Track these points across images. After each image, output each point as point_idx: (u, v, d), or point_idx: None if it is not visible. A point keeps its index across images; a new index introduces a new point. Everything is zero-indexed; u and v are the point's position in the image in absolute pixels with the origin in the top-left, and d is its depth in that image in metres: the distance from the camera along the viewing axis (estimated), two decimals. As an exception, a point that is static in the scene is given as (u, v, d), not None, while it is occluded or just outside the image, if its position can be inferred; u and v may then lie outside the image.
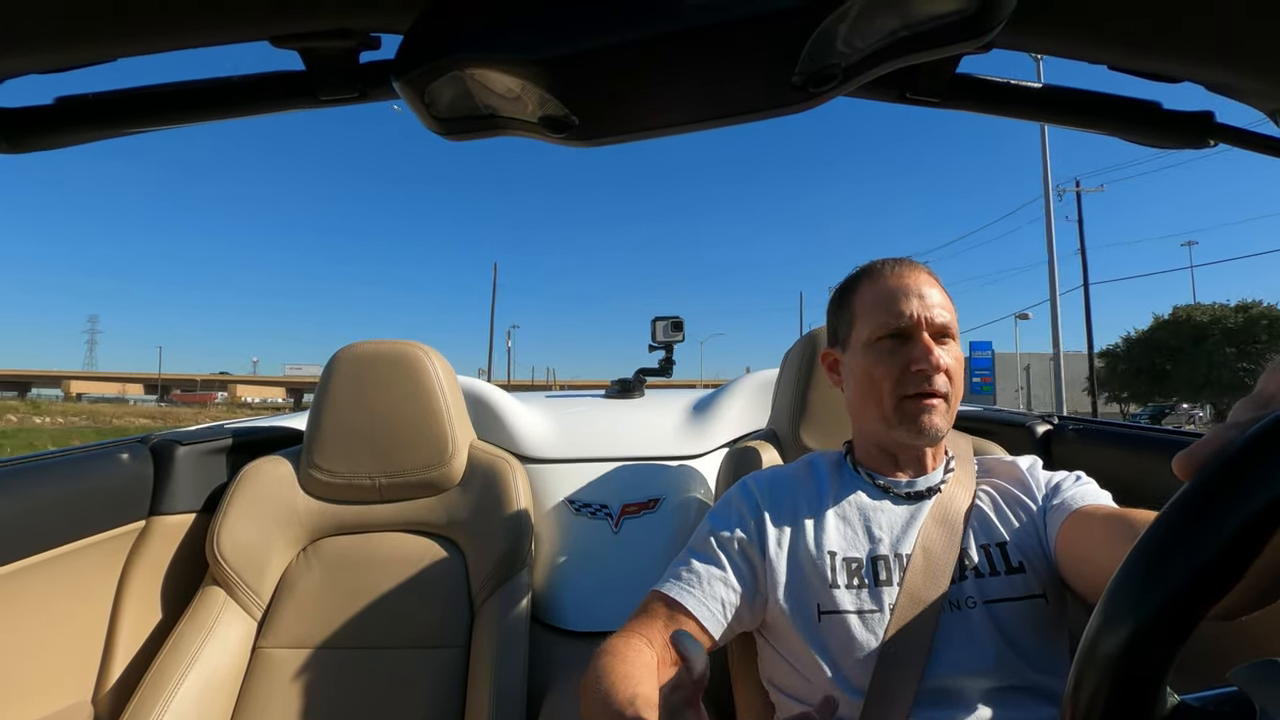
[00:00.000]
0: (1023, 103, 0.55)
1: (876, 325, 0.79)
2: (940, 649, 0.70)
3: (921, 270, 0.82)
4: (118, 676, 1.00)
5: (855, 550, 0.77)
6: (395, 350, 1.18)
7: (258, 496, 1.12)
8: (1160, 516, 0.31)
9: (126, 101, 0.48)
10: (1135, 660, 0.29)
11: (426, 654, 1.07)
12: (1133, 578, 0.30)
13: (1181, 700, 0.31)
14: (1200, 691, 0.33)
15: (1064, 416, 1.22)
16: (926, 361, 0.75)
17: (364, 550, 1.13)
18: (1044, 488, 0.80)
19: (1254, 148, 0.54)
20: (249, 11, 0.39)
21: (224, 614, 1.04)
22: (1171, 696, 0.31)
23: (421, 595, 1.10)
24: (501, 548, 1.12)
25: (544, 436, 1.44)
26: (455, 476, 1.17)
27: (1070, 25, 0.44)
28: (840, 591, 0.74)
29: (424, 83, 0.42)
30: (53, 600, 0.92)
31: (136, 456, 1.07)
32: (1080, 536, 0.71)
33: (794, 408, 1.14)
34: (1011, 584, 0.73)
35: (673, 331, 1.78)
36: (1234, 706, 0.31)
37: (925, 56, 0.42)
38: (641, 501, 1.31)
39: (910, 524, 0.78)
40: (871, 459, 0.84)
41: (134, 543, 1.06)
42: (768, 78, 0.43)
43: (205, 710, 0.97)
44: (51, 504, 0.92)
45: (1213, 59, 0.45)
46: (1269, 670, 0.30)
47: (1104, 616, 0.31)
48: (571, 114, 0.45)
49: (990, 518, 0.78)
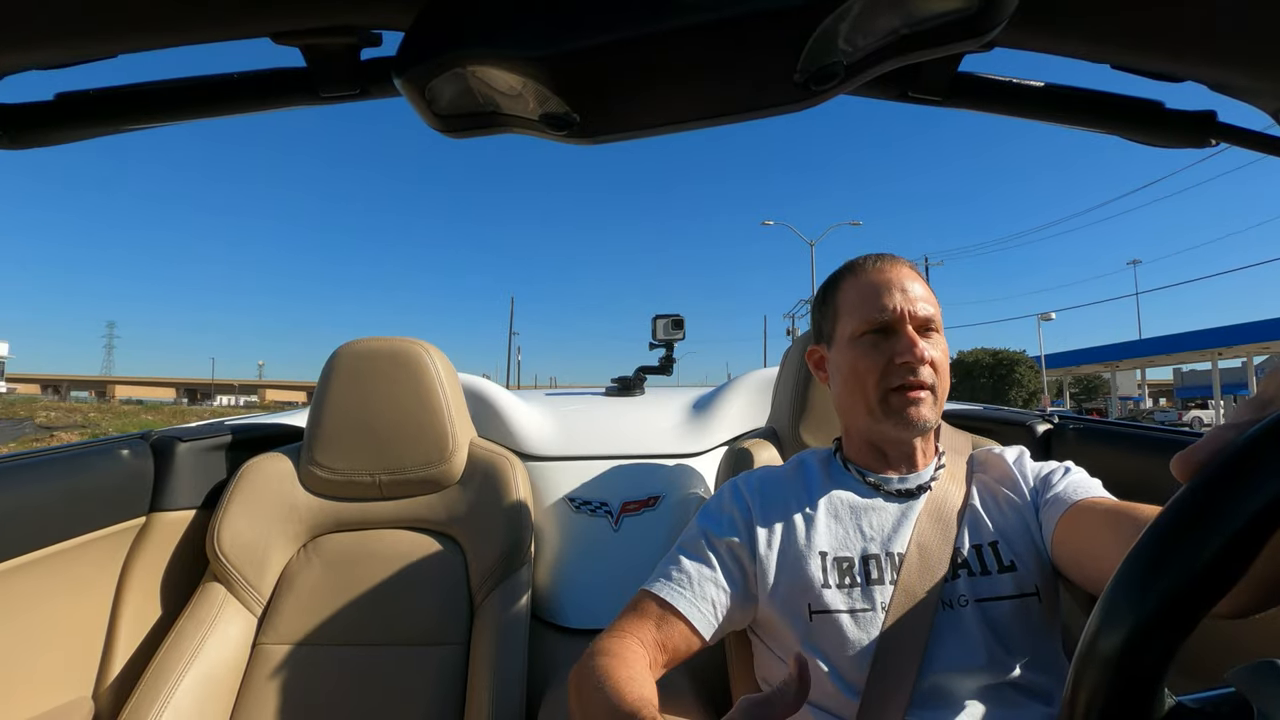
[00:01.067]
0: (1025, 102, 0.55)
1: (860, 320, 0.80)
2: (933, 648, 0.70)
3: (903, 264, 0.83)
4: (118, 672, 1.00)
5: (847, 549, 0.77)
6: (395, 347, 1.18)
7: (258, 493, 1.12)
8: (1159, 516, 0.31)
9: (127, 98, 0.48)
10: (1135, 659, 0.29)
11: (426, 651, 1.07)
12: (1132, 577, 0.30)
13: (1179, 701, 0.31)
14: (1198, 692, 0.33)
15: (1064, 415, 1.22)
16: (911, 354, 0.76)
17: (364, 547, 1.14)
18: (1033, 481, 0.80)
19: (1256, 147, 0.54)
20: (250, 8, 0.39)
21: (224, 610, 1.04)
22: (1169, 698, 0.31)
23: (421, 592, 1.10)
24: (502, 545, 1.12)
25: (544, 434, 1.44)
26: (455, 474, 1.17)
27: (1072, 24, 0.44)
28: (831, 591, 0.74)
29: (425, 80, 0.42)
30: (53, 596, 0.93)
31: (137, 453, 1.07)
32: (1080, 531, 0.71)
33: (794, 406, 1.14)
34: (1003, 582, 0.73)
35: (673, 329, 1.78)
36: (1231, 708, 0.31)
37: (927, 55, 0.42)
38: (642, 499, 1.31)
39: (902, 522, 0.78)
40: (861, 456, 0.84)
41: (134, 539, 1.06)
42: (769, 75, 0.43)
43: (205, 706, 0.97)
44: (52, 500, 0.92)
45: (1215, 58, 0.45)
46: (1267, 671, 0.30)
47: (1103, 616, 0.31)
48: (572, 111, 0.45)
49: (981, 515, 0.78)
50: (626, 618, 0.75)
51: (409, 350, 1.18)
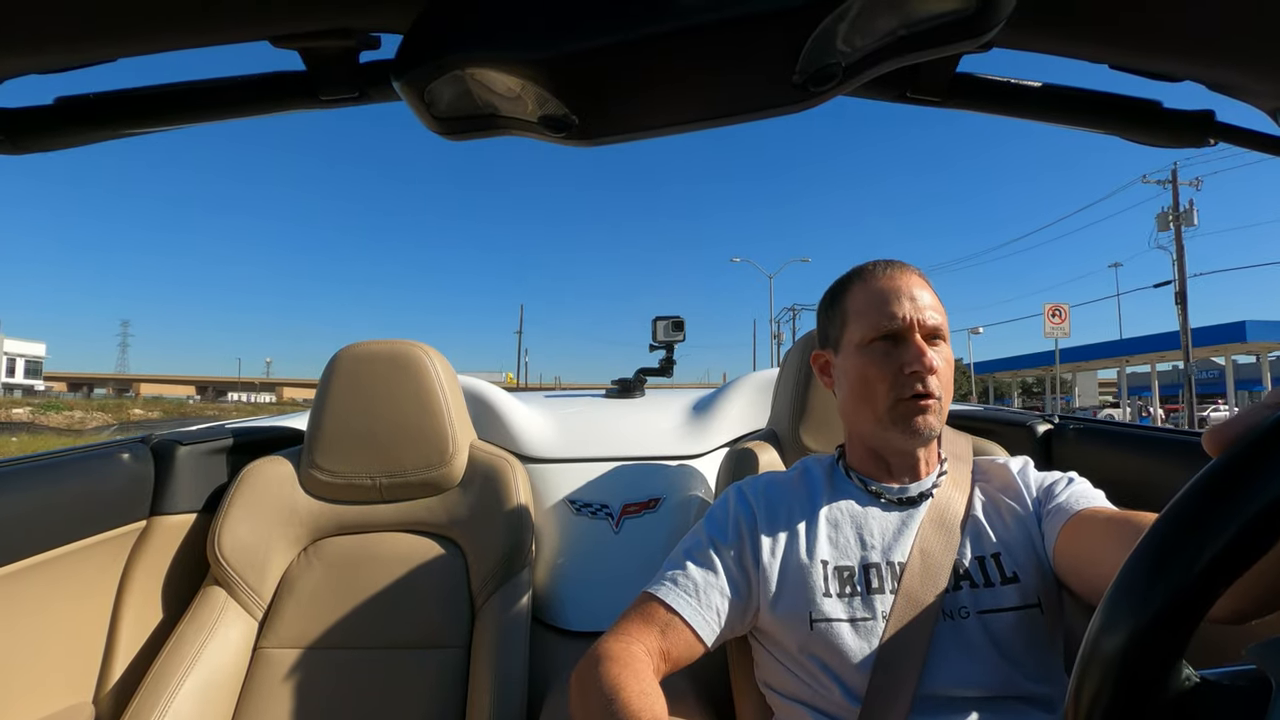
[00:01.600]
0: (1023, 102, 0.55)
1: (869, 327, 0.79)
2: (935, 659, 0.70)
3: (913, 272, 0.82)
4: (119, 677, 1.00)
5: (847, 559, 0.76)
6: (395, 350, 1.18)
7: (258, 496, 1.12)
8: (1165, 513, 0.31)
9: (126, 102, 0.48)
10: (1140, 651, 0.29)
11: (427, 654, 1.07)
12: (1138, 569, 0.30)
13: (1201, 677, 0.31)
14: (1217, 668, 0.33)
15: (1064, 416, 1.22)
16: (920, 363, 0.75)
17: (365, 550, 1.13)
18: (1036, 491, 0.80)
19: (1254, 146, 0.54)
20: (249, 12, 0.39)
21: (225, 614, 1.04)
22: (1190, 676, 0.31)
23: (422, 595, 1.10)
24: (502, 547, 1.12)
25: (544, 436, 1.44)
26: (456, 476, 1.17)
27: (1071, 25, 0.44)
28: (832, 600, 0.74)
29: (424, 82, 0.42)
30: (53, 600, 0.93)
31: (137, 457, 1.07)
32: (1081, 541, 0.71)
33: (794, 408, 1.14)
34: (1006, 594, 0.73)
35: (673, 331, 1.78)
36: (1251, 683, 0.31)
37: (925, 56, 0.42)
38: (642, 501, 1.31)
39: (902, 530, 0.78)
40: (864, 464, 0.84)
41: (135, 543, 1.06)
42: (768, 77, 0.43)
43: (206, 710, 0.97)
44: (52, 504, 0.92)
45: (1213, 58, 0.45)
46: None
47: (1108, 611, 0.31)
48: (571, 113, 0.45)
49: (983, 526, 0.78)
50: (631, 621, 0.75)
51: (408, 353, 1.18)
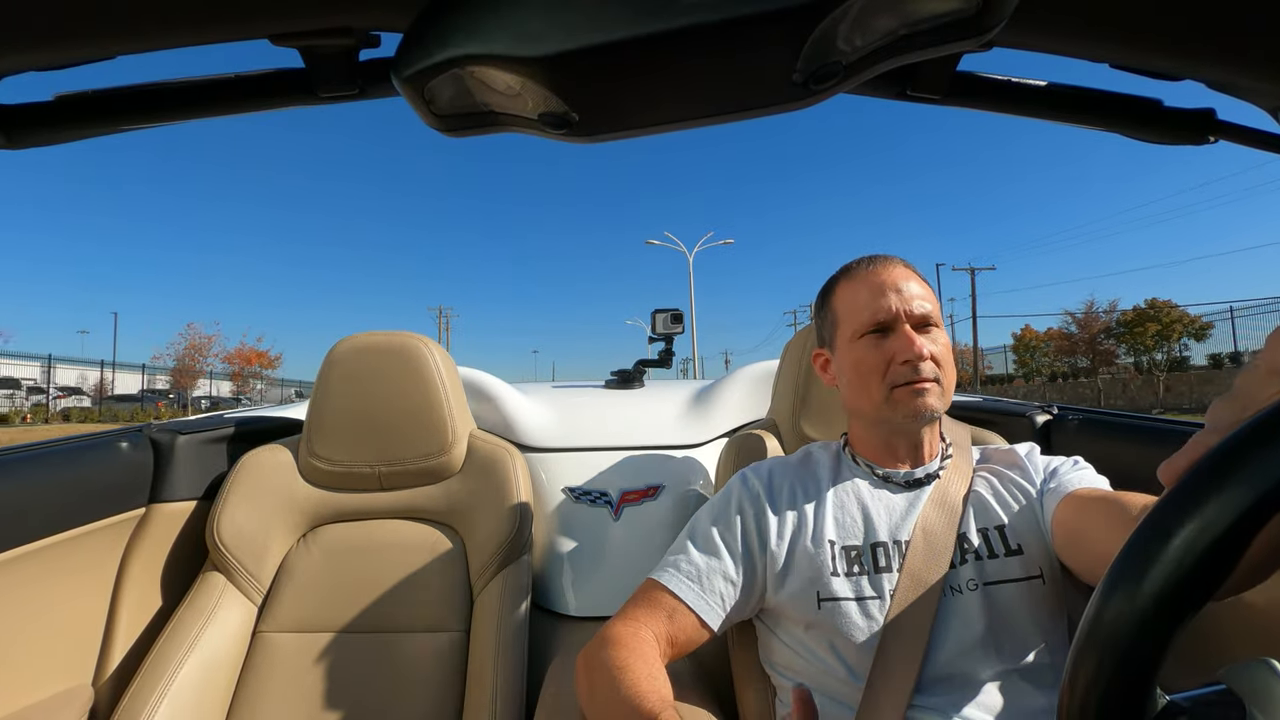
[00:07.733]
0: (1024, 100, 0.55)
1: (858, 323, 0.81)
2: (939, 633, 0.71)
3: (898, 264, 0.83)
4: (118, 660, 1.01)
5: (854, 538, 0.78)
6: (394, 341, 1.19)
7: (257, 483, 1.13)
8: (1160, 501, 0.31)
9: (125, 98, 0.48)
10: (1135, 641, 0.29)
11: (426, 637, 1.08)
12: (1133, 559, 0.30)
13: (1170, 700, 0.31)
14: (1190, 690, 0.33)
15: (1064, 406, 1.23)
16: (910, 352, 0.77)
17: (364, 537, 1.15)
18: (1042, 472, 0.81)
19: (1255, 144, 0.54)
20: (249, 9, 0.39)
21: (224, 599, 1.06)
22: (1161, 697, 0.31)
23: (421, 581, 1.11)
24: (500, 534, 1.13)
25: (544, 426, 1.44)
26: (455, 465, 1.18)
27: (1071, 23, 0.44)
28: (839, 579, 0.75)
29: (423, 80, 0.42)
30: (54, 585, 0.94)
31: (135, 445, 1.08)
32: (1076, 518, 0.72)
33: (794, 398, 1.15)
34: (1010, 565, 0.74)
35: (672, 324, 1.78)
36: (1224, 707, 0.31)
37: (927, 55, 0.42)
38: (641, 489, 1.32)
39: (909, 511, 0.79)
40: (869, 449, 0.85)
41: (134, 529, 1.07)
42: (768, 74, 0.43)
43: (205, 693, 0.99)
44: (52, 491, 0.93)
45: (1214, 57, 0.45)
46: (1260, 671, 0.30)
47: (1104, 597, 0.31)
48: (571, 110, 0.45)
49: (988, 501, 0.80)
50: (638, 606, 0.77)
51: (407, 344, 1.18)
